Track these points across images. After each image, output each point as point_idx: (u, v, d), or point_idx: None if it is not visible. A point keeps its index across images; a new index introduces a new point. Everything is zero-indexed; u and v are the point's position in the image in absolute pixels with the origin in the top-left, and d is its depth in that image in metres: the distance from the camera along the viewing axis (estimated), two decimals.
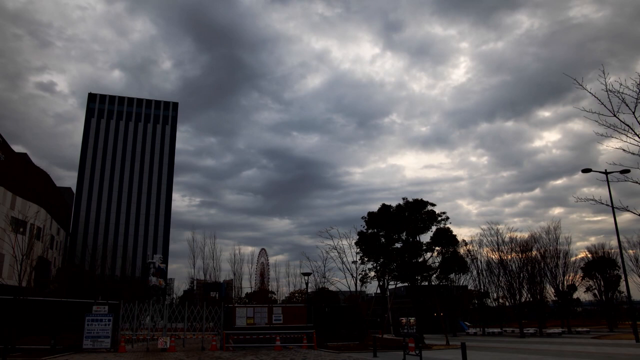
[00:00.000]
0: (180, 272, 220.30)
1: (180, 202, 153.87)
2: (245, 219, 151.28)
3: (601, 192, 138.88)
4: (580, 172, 31.48)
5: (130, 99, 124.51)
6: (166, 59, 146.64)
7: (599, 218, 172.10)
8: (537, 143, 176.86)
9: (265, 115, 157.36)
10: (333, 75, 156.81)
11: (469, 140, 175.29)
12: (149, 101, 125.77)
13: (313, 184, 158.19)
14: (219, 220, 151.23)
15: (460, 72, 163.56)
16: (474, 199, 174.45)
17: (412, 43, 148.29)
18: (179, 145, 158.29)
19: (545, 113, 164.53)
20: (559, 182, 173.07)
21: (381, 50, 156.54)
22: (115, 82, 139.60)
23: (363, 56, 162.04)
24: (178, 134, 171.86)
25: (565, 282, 53.26)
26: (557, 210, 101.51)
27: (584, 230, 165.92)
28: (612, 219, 29.95)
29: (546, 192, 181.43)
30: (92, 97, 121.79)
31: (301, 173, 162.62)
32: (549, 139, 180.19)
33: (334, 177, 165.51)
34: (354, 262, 40.48)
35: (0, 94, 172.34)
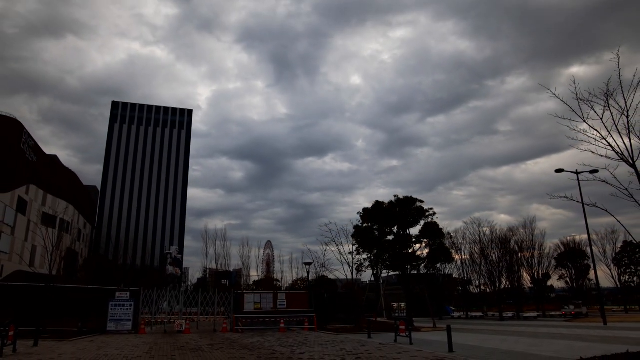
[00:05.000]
0: (196, 264, 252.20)
1: (223, 224, 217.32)
2: (266, 234, 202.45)
3: (508, 219, 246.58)
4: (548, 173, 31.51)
5: (150, 107, 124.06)
6: (237, 170, 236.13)
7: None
8: (456, 195, 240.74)
9: (288, 187, 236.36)
10: (333, 169, 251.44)
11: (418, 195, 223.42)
12: (166, 108, 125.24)
13: (316, 215, 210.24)
14: (248, 235, 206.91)
15: (398, 167, 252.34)
16: None
17: (365, 161, 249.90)
18: (239, 199, 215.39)
19: (451, 182, 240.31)
20: (479, 214, 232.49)
21: (351, 165, 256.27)
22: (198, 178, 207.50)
23: (341, 167, 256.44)
24: (241, 194, 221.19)
25: (540, 271, 53.28)
26: (485, 229, 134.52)
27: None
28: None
29: (474, 218, 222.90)
30: (115, 104, 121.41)
31: (307, 210, 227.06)
32: (458, 197, 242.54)
33: (331, 211, 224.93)
34: (350, 252, 40.52)
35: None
